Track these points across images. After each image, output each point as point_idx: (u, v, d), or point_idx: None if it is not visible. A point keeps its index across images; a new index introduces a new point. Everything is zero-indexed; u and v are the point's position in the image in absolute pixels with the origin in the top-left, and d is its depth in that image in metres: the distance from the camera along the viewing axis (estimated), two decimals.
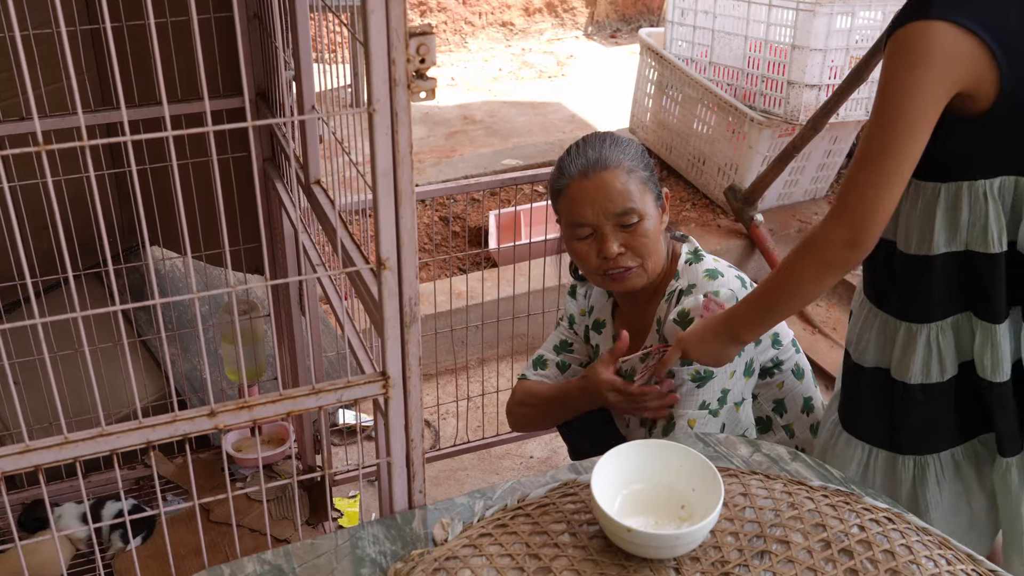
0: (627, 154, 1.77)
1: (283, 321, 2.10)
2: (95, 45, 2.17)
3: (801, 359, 1.90)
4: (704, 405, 1.74)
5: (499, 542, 1.19)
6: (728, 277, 1.77)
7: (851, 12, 3.43)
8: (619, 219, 1.74)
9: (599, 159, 1.75)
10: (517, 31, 6.64)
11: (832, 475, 1.37)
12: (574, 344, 2.04)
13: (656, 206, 1.78)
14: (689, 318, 1.72)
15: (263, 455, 2.19)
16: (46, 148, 0.89)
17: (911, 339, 1.59)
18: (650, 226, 1.76)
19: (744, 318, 1.62)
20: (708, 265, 1.80)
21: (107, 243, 1.22)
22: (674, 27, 3.98)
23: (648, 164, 1.80)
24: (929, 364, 1.60)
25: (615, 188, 1.73)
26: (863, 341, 1.67)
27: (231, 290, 1.09)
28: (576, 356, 2.04)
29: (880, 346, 1.65)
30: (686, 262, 1.82)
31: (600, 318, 1.98)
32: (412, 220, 1.09)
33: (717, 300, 1.72)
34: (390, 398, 1.19)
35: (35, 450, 1.05)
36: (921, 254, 1.55)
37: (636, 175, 1.75)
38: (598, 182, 1.74)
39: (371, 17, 0.96)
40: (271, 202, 1.95)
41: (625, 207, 1.73)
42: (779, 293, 1.58)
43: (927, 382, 1.60)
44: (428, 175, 4.15)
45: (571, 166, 1.77)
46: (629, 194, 1.73)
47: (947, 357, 1.59)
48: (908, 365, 1.60)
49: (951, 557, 1.19)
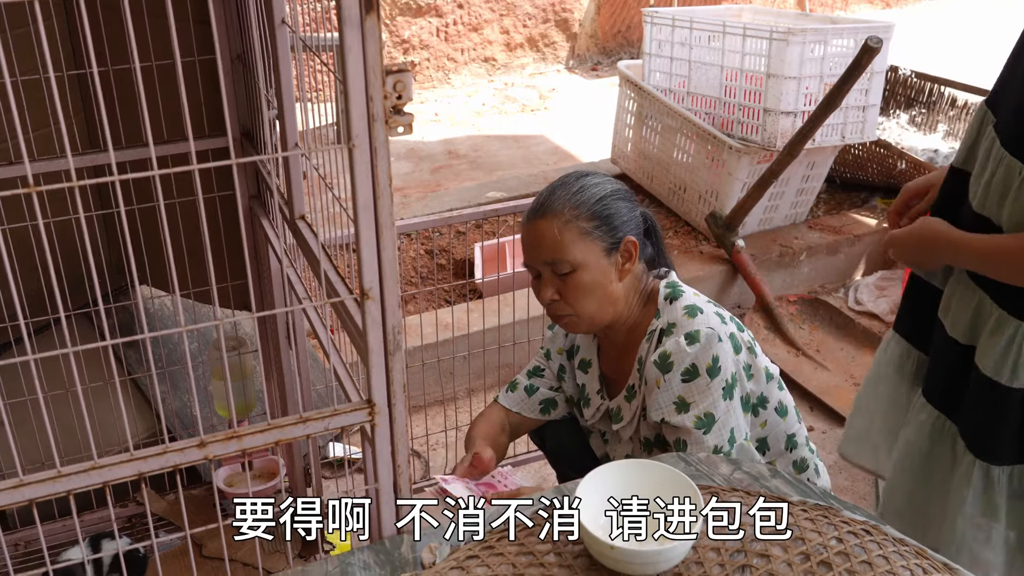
0: (573, 202, 1.73)
1: (271, 355, 2.12)
2: (82, 89, 2.21)
3: (784, 396, 1.90)
4: (717, 450, 1.72)
5: (486, 563, 1.22)
6: (707, 314, 1.75)
7: (823, 40, 3.50)
8: (551, 267, 1.74)
9: (541, 206, 1.76)
10: (499, 66, 6.72)
11: (811, 491, 1.40)
12: (545, 371, 2.07)
13: (603, 257, 1.75)
14: (670, 361, 1.71)
15: (254, 489, 2.20)
16: (36, 189, 0.92)
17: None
18: (585, 278, 1.74)
19: (961, 251, 1.66)
20: (687, 301, 1.78)
21: (96, 283, 1.25)
22: (652, 59, 4.06)
23: (600, 213, 1.75)
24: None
25: (547, 237, 1.73)
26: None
27: (219, 323, 1.12)
28: (545, 381, 2.06)
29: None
30: (665, 299, 1.80)
31: (586, 358, 1.99)
32: (393, 251, 1.13)
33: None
34: (376, 425, 1.22)
35: (29, 484, 1.07)
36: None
37: (575, 226, 1.72)
38: (535, 228, 1.75)
39: (348, 55, 1.00)
40: (257, 238, 1.99)
41: (553, 257, 1.73)
42: (1011, 258, 1.58)
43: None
44: (414, 209, 4.19)
45: (530, 207, 1.80)
46: (560, 245, 1.72)
47: None
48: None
49: (927, 567, 1.22)
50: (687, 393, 1.71)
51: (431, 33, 6.36)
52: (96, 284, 1.28)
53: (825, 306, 3.62)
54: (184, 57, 1.91)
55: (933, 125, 4.70)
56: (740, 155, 3.65)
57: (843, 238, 3.93)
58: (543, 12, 6.74)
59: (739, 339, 1.78)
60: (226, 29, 1.84)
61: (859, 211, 4.19)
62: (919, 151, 4.43)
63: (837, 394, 3.19)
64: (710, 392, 1.70)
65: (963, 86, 4.65)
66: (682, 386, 1.71)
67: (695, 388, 1.70)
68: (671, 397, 1.72)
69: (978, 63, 5.98)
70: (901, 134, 4.64)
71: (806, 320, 3.59)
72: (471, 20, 6.50)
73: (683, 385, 1.71)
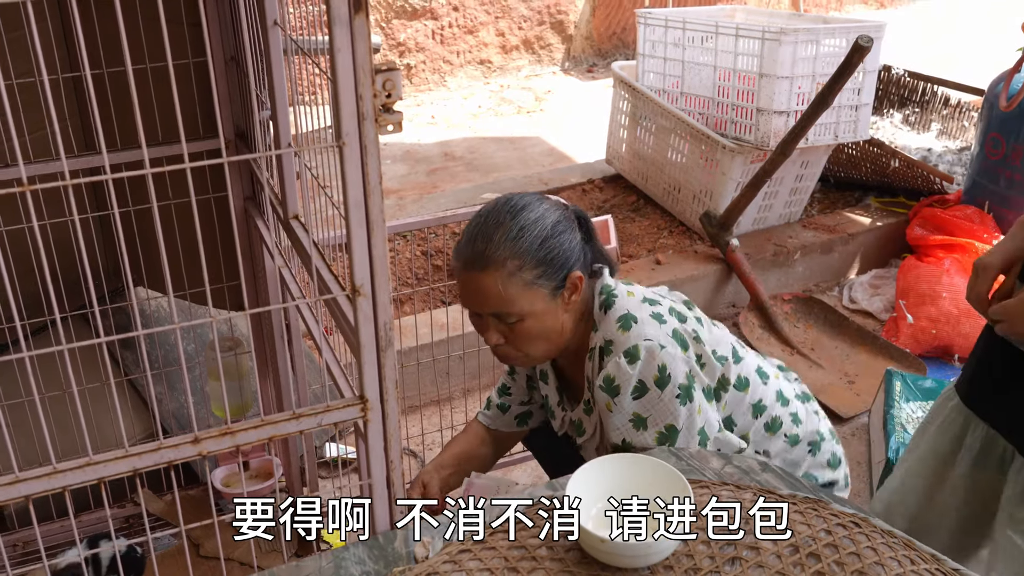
0: (515, 251, 1.62)
1: (267, 355, 2.14)
2: (78, 92, 2.22)
3: (743, 366, 1.81)
4: None
5: (478, 557, 1.23)
6: (641, 322, 1.68)
7: (815, 40, 3.52)
8: (497, 317, 1.68)
9: (478, 256, 1.63)
10: (495, 68, 6.74)
11: (801, 485, 1.41)
12: (511, 388, 2.04)
13: (550, 300, 1.67)
14: (615, 385, 1.66)
15: (251, 489, 2.21)
16: (30, 188, 0.94)
17: None
18: (534, 325, 1.67)
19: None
20: (620, 311, 1.70)
21: (92, 285, 1.26)
22: (645, 59, 4.07)
23: (545, 258, 1.64)
24: None
25: (491, 292, 1.63)
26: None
27: (212, 320, 1.13)
28: (514, 398, 2.04)
29: None
30: (600, 308, 1.73)
31: (543, 369, 1.95)
32: (384, 248, 1.14)
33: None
34: (368, 421, 1.23)
35: (25, 480, 1.09)
36: None
37: (518, 278, 1.62)
38: (474, 281, 1.64)
39: (338, 55, 1.02)
40: (252, 239, 2.00)
41: (500, 310, 1.65)
42: None
43: None
44: (409, 211, 4.21)
45: (461, 252, 1.67)
46: (504, 300, 1.63)
47: None
48: None
49: (915, 557, 1.23)
50: (641, 409, 1.66)
51: (427, 36, 6.38)
52: (91, 286, 1.29)
53: (819, 305, 3.64)
54: (179, 59, 1.94)
55: (927, 124, 4.73)
56: (734, 155, 3.67)
57: (837, 237, 3.95)
58: (538, 14, 6.76)
59: (682, 333, 1.71)
60: (219, 31, 1.85)
61: (853, 210, 4.20)
62: (913, 150, 4.46)
63: (832, 392, 3.21)
64: (664, 404, 1.66)
65: (956, 85, 4.68)
66: (634, 404, 1.66)
67: (648, 403, 1.66)
68: (626, 416, 1.68)
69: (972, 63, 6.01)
70: (895, 133, 4.66)
71: (800, 319, 3.60)
72: (466, 23, 6.52)
73: (635, 403, 1.66)
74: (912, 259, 3.73)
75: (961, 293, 3.39)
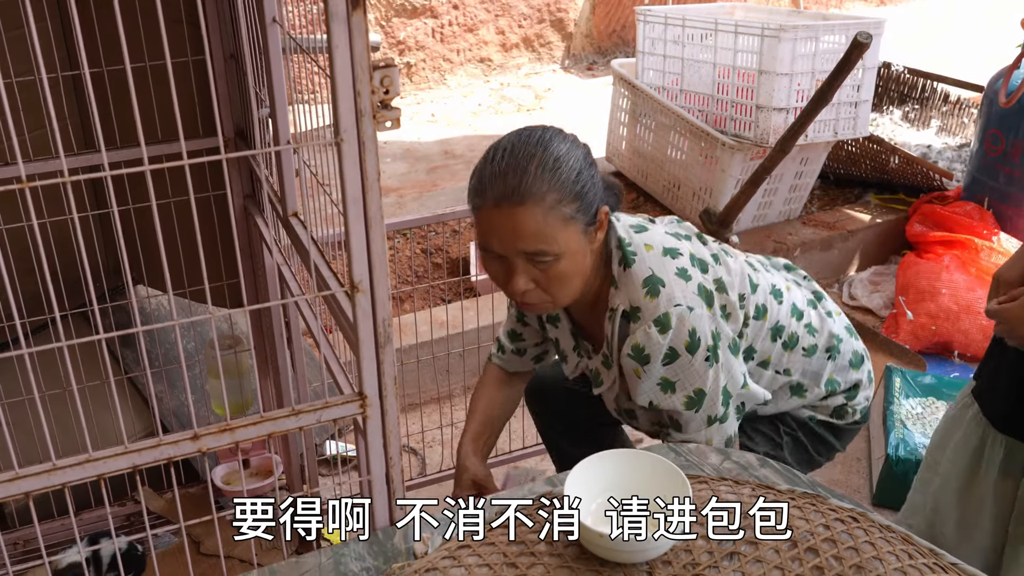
0: (554, 183, 1.52)
1: (267, 352, 2.14)
2: (77, 91, 2.22)
3: (759, 295, 1.77)
4: (711, 420, 1.69)
5: (477, 553, 1.23)
6: (670, 286, 1.61)
7: (814, 36, 3.52)
8: (530, 257, 1.56)
9: (516, 190, 1.51)
10: (495, 66, 6.74)
11: (799, 480, 1.41)
12: (523, 333, 1.98)
13: (584, 235, 1.59)
14: (645, 353, 1.62)
15: (251, 487, 2.22)
16: (29, 185, 0.94)
17: None
18: (567, 265, 1.57)
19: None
20: (642, 272, 1.63)
21: (92, 283, 1.26)
22: (645, 57, 4.08)
23: (580, 192, 1.56)
24: None
25: (529, 229, 1.52)
26: None
27: (211, 317, 1.14)
28: (527, 342, 1.99)
29: None
30: (619, 264, 1.66)
31: (552, 313, 1.86)
32: (382, 244, 1.14)
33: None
34: (367, 417, 1.23)
35: (24, 477, 1.09)
36: None
37: (558, 212, 1.53)
38: (511, 218, 1.52)
39: (336, 52, 1.02)
40: (252, 237, 2.00)
41: (537, 248, 1.54)
42: None
43: None
44: (409, 209, 4.21)
45: (488, 188, 1.54)
46: (545, 235, 1.53)
47: None
48: None
49: (913, 552, 1.24)
50: (670, 374, 1.65)
51: (427, 34, 6.38)
52: (91, 284, 1.29)
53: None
54: (179, 57, 1.94)
55: (926, 121, 4.72)
56: (733, 152, 3.67)
57: (837, 234, 3.95)
58: (538, 12, 6.76)
59: (706, 287, 1.67)
60: (219, 29, 1.86)
61: (853, 207, 4.21)
62: (912, 147, 4.46)
63: None
64: (694, 368, 1.64)
65: (956, 82, 4.68)
66: (664, 369, 1.64)
67: (678, 368, 1.64)
68: (654, 381, 1.66)
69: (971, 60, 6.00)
70: (894, 130, 4.66)
71: None
72: (466, 21, 6.52)
73: (665, 368, 1.64)
74: (912, 255, 3.73)
75: (961, 289, 3.39)
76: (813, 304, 1.92)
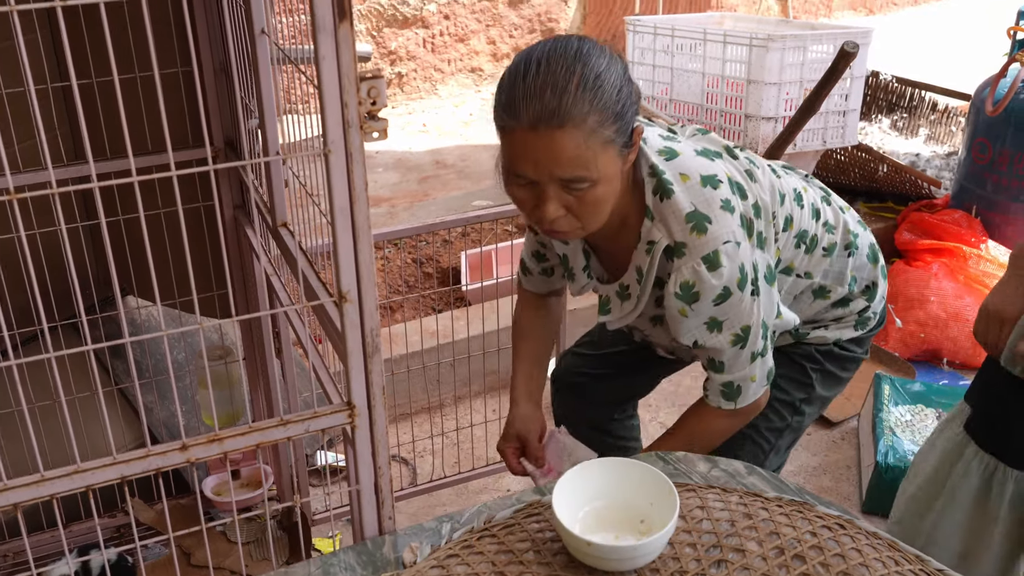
0: (596, 103, 1.39)
1: (257, 362, 2.14)
2: (67, 101, 2.23)
3: (786, 209, 1.70)
4: (754, 356, 1.63)
5: (466, 562, 1.23)
6: (715, 223, 1.51)
7: (802, 46, 3.55)
8: (565, 183, 1.44)
9: (556, 111, 1.37)
10: (486, 76, 6.76)
11: (787, 487, 1.42)
12: (546, 252, 1.87)
13: (620, 157, 1.47)
14: (695, 292, 1.53)
15: (241, 498, 2.21)
16: (17, 196, 0.94)
17: None
18: (603, 191, 1.46)
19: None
20: (684, 206, 1.53)
21: (81, 294, 1.27)
22: (634, 66, 4.09)
23: (621, 111, 1.43)
24: None
25: (568, 154, 1.40)
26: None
27: (199, 327, 1.14)
28: (551, 262, 1.88)
29: None
30: (654, 193, 1.55)
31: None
32: (370, 254, 1.15)
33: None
34: (356, 427, 1.24)
35: (12, 488, 1.09)
36: None
37: (600, 135, 1.40)
38: (548, 141, 1.39)
39: (323, 63, 1.03)
40: (242, 247, 2.01)
41: (575, 175, 1.42)
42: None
43: None
44: (401, 219, 4.22)
45: (521, 107, 1.40)
46: (584, 161, 1.41)
47: None
48: None
49: (900, 559, 1.24)
50: (719, 313, 1.57)
51: (418, 44, 6.40)
52: (79, 295, 1.30)
53: None
54: (168, 68, 1.95)
55: (915, 129, 4.75)
56: None
57: None
58: (529, 22, 6.79)
59: (747, 216, 1.58)
60: (208, 40, 1.86)
61: None
62: (901, 155, 4.48)
63: None
64: (743, 305, 1.57)
65: (944, 91, 4.71)
66: (713, 309, 1.56)
67: (728, 307, 1.56)
68: (702, 320, 1.58)
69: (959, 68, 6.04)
70: (883, 139, 4.69)
71: None
72: (457, 31, 6.54)
73: (715, 308, 1.56)
74: (900, 263, 3.75)
75: (949, 297, 3.41)
76: (827, 200, 1.84)
